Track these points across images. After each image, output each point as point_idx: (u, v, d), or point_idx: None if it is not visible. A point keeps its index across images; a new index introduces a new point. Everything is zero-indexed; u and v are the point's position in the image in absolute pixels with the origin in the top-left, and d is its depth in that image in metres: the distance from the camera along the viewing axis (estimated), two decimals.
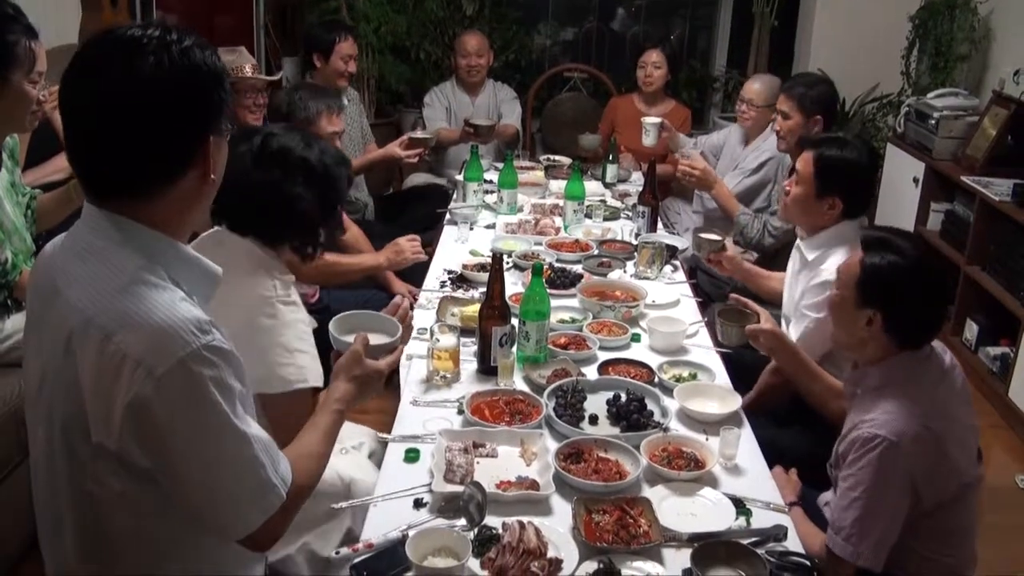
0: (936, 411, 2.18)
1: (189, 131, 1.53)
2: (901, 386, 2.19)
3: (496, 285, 2.71)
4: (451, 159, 5.69)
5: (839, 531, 2.14)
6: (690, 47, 7.64)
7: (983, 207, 4.75)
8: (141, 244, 1.54)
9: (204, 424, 1.51)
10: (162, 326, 1.46)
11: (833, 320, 2.40)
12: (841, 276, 2.34)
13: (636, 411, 2.50)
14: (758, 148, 4.61)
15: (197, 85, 1.52)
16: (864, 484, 2.11)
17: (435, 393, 2.66)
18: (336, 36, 4.90)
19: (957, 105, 5.39)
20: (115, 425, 1.48)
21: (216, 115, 1.56)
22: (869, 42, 6.40)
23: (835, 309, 2.37)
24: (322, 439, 1.89)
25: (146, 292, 1.50)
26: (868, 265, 2.23)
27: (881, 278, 2.21)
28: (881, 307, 2.21)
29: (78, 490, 1.59)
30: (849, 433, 2.21)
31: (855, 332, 2.27)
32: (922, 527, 2.18)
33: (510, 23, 7.18)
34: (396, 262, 3.67)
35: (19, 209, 2.83)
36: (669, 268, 3.74)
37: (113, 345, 1.46)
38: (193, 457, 1.53)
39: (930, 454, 2.13)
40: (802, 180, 2.99)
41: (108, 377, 1.46)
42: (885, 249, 2.22)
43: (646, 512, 2.08)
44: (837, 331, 2.38)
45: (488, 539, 1.98)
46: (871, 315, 2.22)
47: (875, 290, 2.22)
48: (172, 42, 1.50)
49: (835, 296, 2.35)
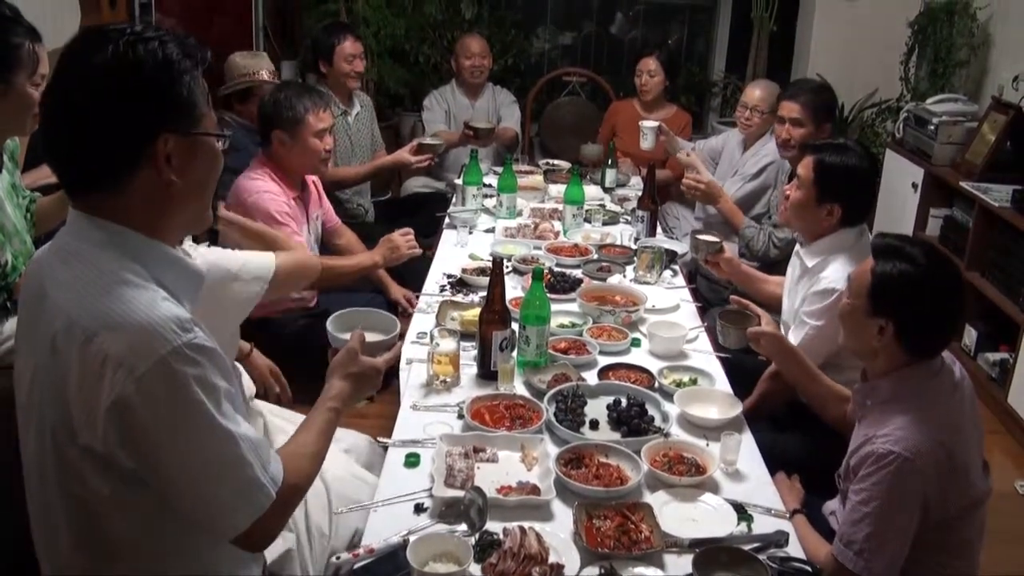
0: (948, 426, 2.16)
1: (131, 126, 1.50)
2: (913, 400, 2.17)
3: (496, 289, 2.70)
4: (450, 163, 5.69)
5: (850, 544, 2.11)
6: (688, 52, 7.64)
7: (982, 213, 4.75)
8: (122, 245, 1.54)
9: (187, 423, 1.50)
10: (143, 325, 1.46)
11: (844, 329, 2.37)
12: (852, 285, 2.30)
13: (637, 416, 2.50)
14: (757, 153, 4.61)
15: (141, 79, 1.49)
16: (878, 500, 2.08)
17: (435, 397, 2.65)
18: (335, 39, 4.90)
19: (956, 111, 5.39)
20: (99, 427, 1.48)
21: (169, 111, 1.53)
22: (868, 47, 6.40)
23: (846, 318, 2.33)
24: (317, 438, 1.88)
25: (127, 292, 1.50)
26: (879, 273, 2.19)
27: (893, 287, 2.18)
28: (893, 316, 2.18)
29: (68, 493, 1.58)
30: (862, 447, 2.18)
31: (867, 341, 2.24)
32: (928, 540, 2.16)
33: (509, 27, 7.19)
34: (391, 258, 3.65)
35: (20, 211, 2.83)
36: (668, 273, 3.73)
37: (95, 346, 1.46)
38: (177, 457, 1.52)
39: (943, 471, 2.11)
40: (802, 184, 2.98)
41: (91, 378, 1.46)
42: (896, 257, 2.19)
43: (647, 518, 2.08)
44: (848, 340, 2.35)
45: (489, 544, 1.97)
46: (883, 324, 2.19)
47: (887, 299, 2.18)
48: (127, 36, 1.49)
49: (846, 305, 2.32)
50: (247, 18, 6.51)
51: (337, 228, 4.07)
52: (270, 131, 3.58)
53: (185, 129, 1.55)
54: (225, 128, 2.50)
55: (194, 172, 1.58)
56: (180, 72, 1.53)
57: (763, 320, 2.78)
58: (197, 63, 1.57)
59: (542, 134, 6.69)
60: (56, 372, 1.52)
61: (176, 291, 1.59)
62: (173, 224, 1.62)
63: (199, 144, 1.59)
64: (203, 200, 1.66)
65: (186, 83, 1.54)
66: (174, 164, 1.54)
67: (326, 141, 3.64)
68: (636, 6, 7.59)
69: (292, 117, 3.55)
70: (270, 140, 3.59)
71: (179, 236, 1.67)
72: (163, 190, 1.55)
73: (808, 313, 2.93)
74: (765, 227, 4.14)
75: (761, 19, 6.71)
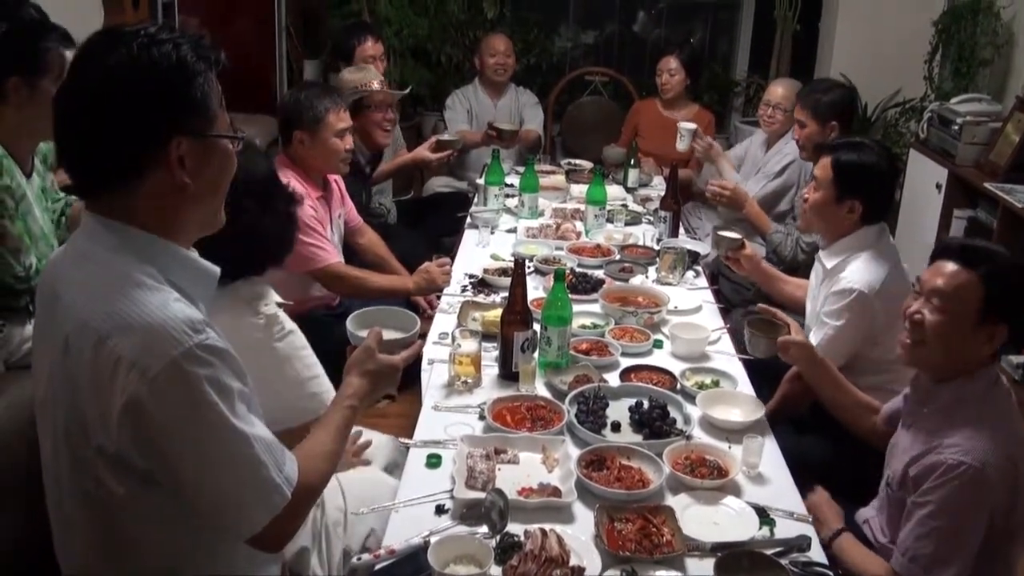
0: (1015, 436, 2.14)
1: (143, 128, 1.51)
2: (978, 406, 2.15)
3: (518, 290, 2.70)
4: (472, 163, 5.68)
5: (915, 560, 2.08)
6: (711, 51, 7.60)
7: (1006, 214, 4.70)
8: (135, 247, 1.55)
9: (200, 424, 1.51)
10: (155, 326, 1.47)
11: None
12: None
13: (659, 418, 2.49)
14: (780, 151, 4.60)
15: (154, 81, 1.49)
16: (948, 513, 2.06)
17: (456, 398, 2.66)
18: (356, 40, 4.91)
19: (980, 111, 5.35)
20: (112, 428, 1.49)
21: (182, 114, 1.53)
22: (892, 47, 6.34)
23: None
24: (334, 436, 1.88)
25: (139, 294, 1.50)
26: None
27: (1008, 290, 2.16)
28: (1008, 319, 2.16)
29: (83, 493, 1.60)
30: (925, 456, 2.15)
31: (973, 351, 2.19)
32: (986, 552, 2.12)
33: (531, 26, 7.18)
34: (425, 289, 3.65)
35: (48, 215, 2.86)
36: (691, 274, 3.72)
37: (108, 348, 1.47)
38: (190, 458, 1.53)
39: (1010, 484, 2.09)
40: (821, 185, 2.98)
41: (104, 380, 1.47)
42: (990, 259, 2.19)
43: (669, 521, 2.07)
44: (939, 356, 2.24)
45: (510, 546, 1.97)
46: (991, 331, 2.17)
47: (1003, 304, 2.16)
48: (140, 38, 1.49)
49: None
50: (270, 18, 6.53)
51: (359, 227, 4.08)
52: (291, 131, 3.58)
53: (198, 131, 1.55)
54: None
55: (207, 174, 1.59)
56: (194, 74, 1.53)
57: (792, 329, 2.75)
58: (211, 64, 1.57)
59: (564, 134, 6.67)
60: (69, 374, 1.53)
61: (189, 292, 1.59)
62: (186, 225, 1.62)
63: (212, 146, 1.59)
64: (216, 201, 1.66)
65: (199, 85, 1.54)
66: (187, 166, 1.54)
67: (347, 141, 3.65)
68: (659, 5, 7.57)
69: (313, 117, 3.56)
70: (291, 140, 3.60)
71: (192, 237, 1.67)
72: (176, 192, 1.55)
73: (828, 313, 2.91)
74: (792, 232, 4.12)
75: (784, 18, 6.67)
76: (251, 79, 6.29)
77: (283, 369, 2.22)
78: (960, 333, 2.17)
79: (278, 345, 2.23)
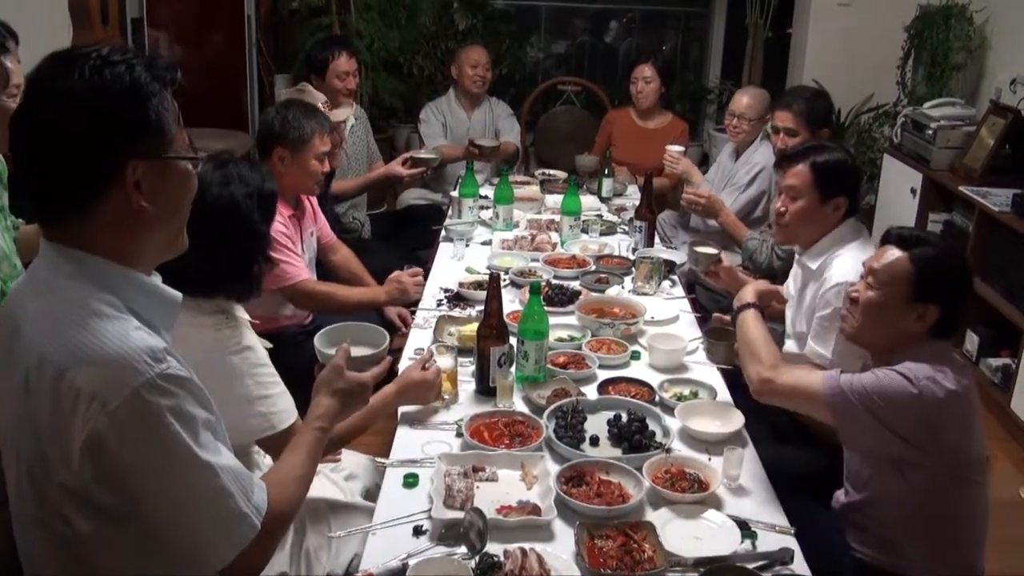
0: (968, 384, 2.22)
1: (97, 153, 1.46)
2: (933, 359, 2.23)
3: (494, 304, 2.67)
4: (446, 175, 5.64)
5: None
6: (683, 59, 7.62)
7: (982, 217, 4.73)
8: (93, 275, 1.50)
9: (163, 456, 1.46)
10: (114, 357, 1.43)
11: (869, 319, 2.33)
12: (880, 274, 2.30)
13: (637, 431, 2.46)
14: (748, 162, 4.60)
15: (106, 104, 1.45)
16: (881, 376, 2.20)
17: (433, 415, 2.62)
18: (330, 54, 4.87)
19: (954, 115, 5.38)
20: (74, 463, 1.44)
21: (137, 137, 1.48)
22: (864, 52, 6.37)
23: (875, 308, 2.31)
24: (303, 460, 1.83)
25: (98, 324, 1.46)
26: (922, 259, 2.26)
27: (938, 271, 2.25)
28: (938, 300, 2.24)
29: (50, 531, 1.54)
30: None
31: (903, 328, 2.28)
32: (928, 513, 2.21)
33: (503, 37, 7.17)
34: (397, 299, 3.62)
35: (8, 234, 2.80)
36: (667, 283, 3.70)
37: (67, 381, 1.42)
38: (154, 491, 1.48)
39: (963, 404, 2.20)
40: (801, 194, 2.96)
41: (64, 414, 1.43)
42: (924, 244, 2.28)
43: (650, 537, 2.05)
44: (874, 329, 2.33)
45: (490, 567, 1.93)
46: (921, 310, 2.24)
47: (933, 284, 2.24)
48: (92, 60, 1.45)
49: (874, 296, 2.31)
50: (240, 33, 6.51)
51: (332, 244, 4.03)
52: (271, 147, 3.54)
53: (155, 154, 1.51)
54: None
55: (165, 196, 1.54)
56: (148, 95, 1.48)
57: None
58: (166, 85, 1.53)
59: (537, 144, 6.66)
60: (30, 410, 1.48)
61: (151, 319, 1.55)
62: (146, 250, 1.57)
63: (169, 168, 1.54)
64: (176, 224, 1.61)
65: (154, 106, 1.49)
66: (144, 189, 1.49)
67: (324, 164, 3.62)
68: (629, 14, 7.57)
69: (299, 137, 3.51)
70: (269, 156, 3.55)
71: (153, 262, 1.62)
72: (134, 216, 1.50)
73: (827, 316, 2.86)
74: (767, 239, 4.11)
75: (756, 25, 6.69)
76: (221, 94, 6.26)
77: (233, 384, 2.16)
78: (891, 309, 2.28)
79: (232, 359, 2.18)
